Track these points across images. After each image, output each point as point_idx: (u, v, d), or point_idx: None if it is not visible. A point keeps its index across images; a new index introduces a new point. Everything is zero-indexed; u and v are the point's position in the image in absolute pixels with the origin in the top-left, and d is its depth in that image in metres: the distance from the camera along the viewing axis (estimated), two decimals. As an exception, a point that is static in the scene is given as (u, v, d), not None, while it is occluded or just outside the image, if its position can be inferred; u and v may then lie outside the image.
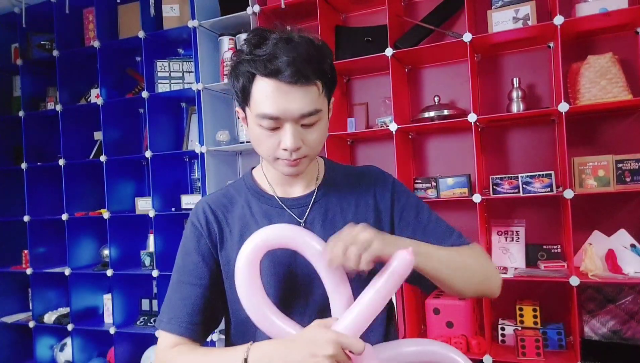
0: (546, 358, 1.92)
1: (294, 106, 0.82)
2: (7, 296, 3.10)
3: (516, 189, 2.01)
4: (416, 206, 1.00)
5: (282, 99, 0.81)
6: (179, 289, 0.94)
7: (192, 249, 0.95)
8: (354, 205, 0.97)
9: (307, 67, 0.81)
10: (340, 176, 1.02)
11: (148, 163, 2.67)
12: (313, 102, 0.83)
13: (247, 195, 0.98)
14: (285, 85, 0.80)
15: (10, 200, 3.07)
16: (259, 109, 0.83)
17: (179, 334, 0.92)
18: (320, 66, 0.84)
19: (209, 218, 0.96)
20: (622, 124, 2.06)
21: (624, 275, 1.85)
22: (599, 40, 2.08)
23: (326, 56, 0.86)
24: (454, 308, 2.08)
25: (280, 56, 0.80)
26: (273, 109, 0.82)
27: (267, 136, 0.85)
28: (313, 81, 0.82)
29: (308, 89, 0.82)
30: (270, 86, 0.81)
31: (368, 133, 2.39)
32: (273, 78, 0.80)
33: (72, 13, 2.83)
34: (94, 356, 2.88)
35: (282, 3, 2.34)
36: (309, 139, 0.86)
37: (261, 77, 0.82)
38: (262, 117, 0.83)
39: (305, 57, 0.81)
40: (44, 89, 3.06)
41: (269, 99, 0.81)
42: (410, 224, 0.98)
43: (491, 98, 2.25)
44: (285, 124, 0.84)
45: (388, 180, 1.02)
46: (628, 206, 2.03)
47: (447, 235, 0.97)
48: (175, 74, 2.65)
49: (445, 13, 2.26)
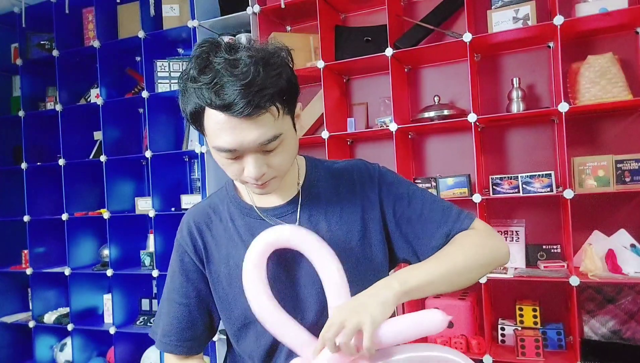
0: (546, 358, 1.92)
1: (250, 138, 0.76)
2: (7, 296, 3.10)
3: (516, 189, 2.01)
4: (407, 195, 0.95)
5: (237, 133, 0.76)
6: (168, 306, 0.97)
7: (177, 269, 0.96)
8: (339, 208, 0.93)
9: (257, 95, 0.74)
10: (323, 176, 0.97)
11: (148, 163, 2.67)
12: (270, 129, 0.77)
13: (229, 206, 0.96)
14: (237, 119, 0.75)
15: (10, 200, 3.07)
16: (214, 142, 0.79)
17: (174, 353, 0.96)
18: (273, 88, 0.76)
19: (194, 234, 0.95)
20: (622, 124, 2.06)
21: (623, 275, 1.85)
22: (599, 40, 2.08)
23: (280, 70, 0.78)
24: (454, 308, 2.08)
25: (227, 86, 0.73)
26: (229, 143, 0.77)
27: (229, 164, 0.82)
28: (267, 109, 0.76)
29: (263, 119, 0.76)
30: (221, 119, 0.75)
31: (368, 133, 2.39)
32: (224, 112, 0.74)
33: (72, 13, 2.83)
34: (94, 356, 2.88)
35: (282, 3, 2.34)
36: (273, 163, 0.82)
37: (210, 109, 0.76)
38: (218, 150, 0.79)
39: (256, 83, 0.73)
40: (43, 89, 3.06)
41: (223, 132, 0.76)
42: (405, 216, 0.94)
43: (491, 98, 2.25)
44: (246, 154, 0.80)
45: (374, 175, 0.97)
46: (628, 206, 2.03)
47: (444, 220, 0.93)
48: (175, 74, 2.65)
49: (445, 13, 2.26)
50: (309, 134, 2.47)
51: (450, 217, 0.93)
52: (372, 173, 0.97)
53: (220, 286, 0.93)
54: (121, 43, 2.78)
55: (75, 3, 2.82)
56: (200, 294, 0.95)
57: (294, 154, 0.87)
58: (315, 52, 2.40)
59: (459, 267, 0.85)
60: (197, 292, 0.95)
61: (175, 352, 0.96)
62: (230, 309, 0.93)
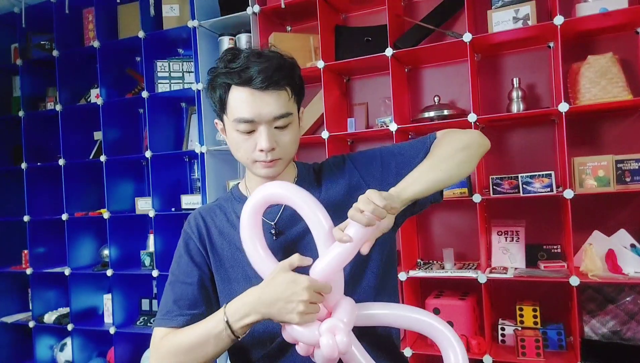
0: (546, 358, 1.92)
1: (267, 110, 0.91)
2: (7, 296, 3.10)
3: (516, 189, 2.01)
4: (379, 156, 1.05)
5: (256, 104, 0.90)
6: (172, 289, 1.02)
7: (183, 252, 1.04)
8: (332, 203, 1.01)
9: (276, 74, 0.90)
10: (314, 177, 1.07)
11: (148, 163, 2.67)
12: (284, 105, 0.92)
13: (233, 203, 1.07)
14: (257, 91, 0.90)
15: (10, 200, 3.06)
16: (235, 114, 0.92)
17: (171, 326, 0.98)
18: (289, 73, 0.93)
19: (199, 223, 1.06)
20: (622, 124, 2.06)
21: (624, 275, 1.85)
22: (599, 40, 2.08)
23: (295, 68, 0.97)
24: (454, 308, 2.08)
25: (252, 66, 0.90)
26: (248, 113, 0.91)
27: (243, 140, 0.94)
28: (283, 87, 0.92)
29: (279, 94, 0.91)
30: (244, 93, 0.91)
31: (368, 133, 2.39)
32: (246, 86, 0.90)
33: (72, 13, 2.83)
34: (94, 356, 2.88)
35: (282, 3, 2.34)
36: (282, 141, 0.94)
37: (236, 86, 0.91)
38: (238, 121, 0.92)
39: (275, 66, 0.91)
40: (43, 89, 3.05)
41: (244, 104, 0.91)
42: (385, 174, 1.03)
43: (491, 98, 2.25)
44: (260, 127, 0.92)
45: (347, 162, 1.07)
46: (628, 206, 2.03)
47: (418, 149, 1.03)
48: (175, 74, 2.65)
49: (445, 13, 2.26)
50: (309, 134, 2.47)
51: (420, 143, 1.04)
52: (345, 162, 1.08)
53: (223, 268, 1.01)
54: (121, 43, 2.78)
55: (75, 3, 2.82)
56: (203, 277, 1.02)
57: (297, 143, 0.99)
58: (316, 52, 2.40)
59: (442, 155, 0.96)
60: (200, 275, 1.02)
61: (172, 324, 0.97)
62: (231, 288, 1.00)
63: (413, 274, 2.14)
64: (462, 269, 2.13)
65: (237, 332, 0.88)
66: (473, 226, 2.04)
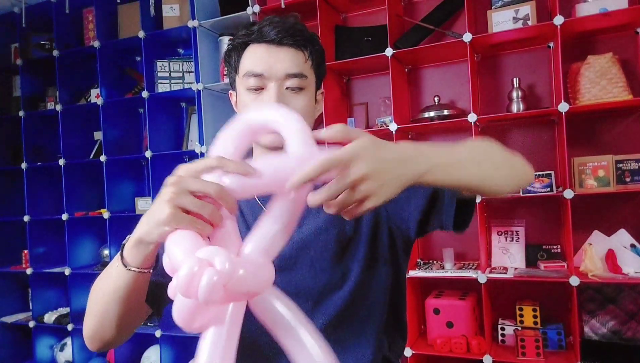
0: (546, 358, 1.92)
1: (279, 65, 0.85)
2: (7, 296, 3.10)
3: (516, 189, 2.00)
4: None
5: (269, 58, 0.85)
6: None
7: None
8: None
9: (294, 33, 0.86)
10: None
11: (148, 163, 2.67)
12: (298, 65, 0.86)
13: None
14: (273, 46, 0.85)
15: (10, 200, 3.06)
16: (246, 68, 0.86)
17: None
18: (309, 38, 0.88)
19: None
20: (622, 124, 2.06)
21: (623, 275, 1.85)
22: (599, 40, 2.08)
23: (315, 37, 0.91)
24: (454, 308, 2.08)
25: (270, 25, 0.86)
26: (258, 66, 0.85)
27: (252, 100, 0.86)
28: (299, 46, 0.86)
29: (294, 52, 0.86)
30: (259, 48, 0.86)
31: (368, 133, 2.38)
32: (262, 42, 0.86)
33: (72, 13, 2.83)
34: (94, 356, 2.87)
35: (282, 3, 2.34)
36: (293, 105, 0.84)
37: (252, 44, 0.87)
38: (248, 75, 0.86)
39: (293, 26, 0.86)
40: (43, 89, 3.05)
41: (257, 58, 0.86)
42: None
43: (491, 98, 2.25)
44: (270, 83, 0.85)
45: None
46: (628, 206, 2.03)
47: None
48: (175, 74, 2.65)
49: (445, 13, 2.26)
50: (309, 134, 2.47)
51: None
52: None
53: None
54: (121, 43, 2.78)
55: (75, 3, 2.82)
56: None
57: (311, 116, 0.92)
58: (315, 52, 2.40)
59: (493, 155, 0.77)
60: None
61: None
62: None
63: (413, 274, 2.14)
64: (462, 269, 2.13)
65: (125, 259, 0.68)
66: (473, 226, 2.04)
